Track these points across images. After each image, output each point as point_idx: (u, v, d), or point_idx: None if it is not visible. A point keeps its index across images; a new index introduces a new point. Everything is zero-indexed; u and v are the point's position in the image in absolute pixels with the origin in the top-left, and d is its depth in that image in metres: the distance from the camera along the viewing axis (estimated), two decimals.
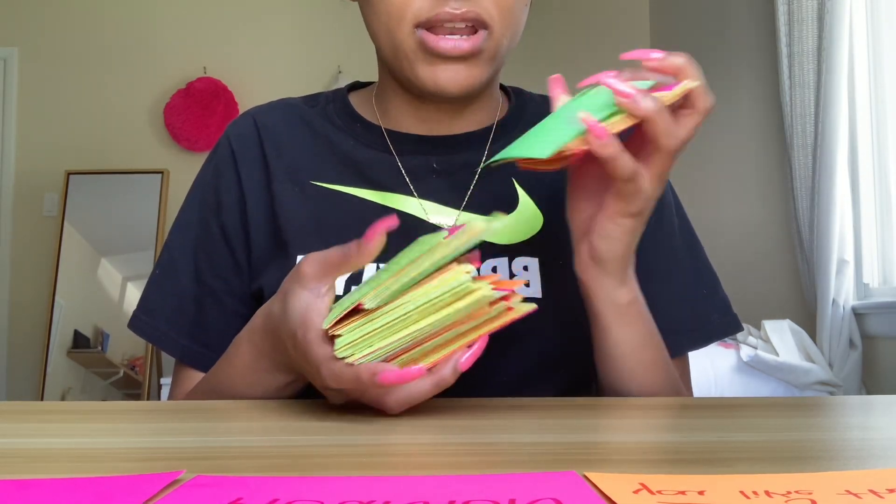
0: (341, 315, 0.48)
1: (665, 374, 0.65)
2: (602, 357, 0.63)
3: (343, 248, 0.51)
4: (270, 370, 0.59)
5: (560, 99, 0.59)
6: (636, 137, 0.55)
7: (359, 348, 0.48)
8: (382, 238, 0.50)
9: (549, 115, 0.58)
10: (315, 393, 0.62)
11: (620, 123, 0.52)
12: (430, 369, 0.48)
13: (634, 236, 0.58)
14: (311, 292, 0.51)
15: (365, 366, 0.47)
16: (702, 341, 0.73)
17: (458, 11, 0.62)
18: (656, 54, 0.54)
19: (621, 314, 0.61)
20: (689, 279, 0.74)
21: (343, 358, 0.48)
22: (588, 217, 0.59)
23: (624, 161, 0.53)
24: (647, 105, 0.52)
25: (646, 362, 0.63)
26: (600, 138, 0.51)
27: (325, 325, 0.49)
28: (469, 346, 0.48)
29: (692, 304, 0.73)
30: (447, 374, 0.48)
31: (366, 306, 0.47)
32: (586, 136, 0.52)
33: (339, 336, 0.48)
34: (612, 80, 0.53)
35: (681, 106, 0.54)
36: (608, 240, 0.57)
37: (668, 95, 0.53)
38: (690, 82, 0.54)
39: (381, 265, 0.56)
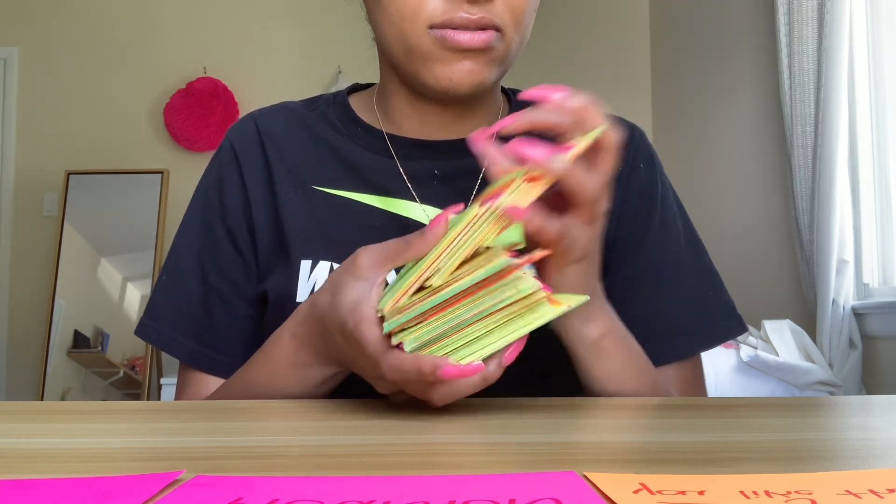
0: (397, 297, 0.48)
1: (650, 389, 0.65)
2: (585, 384, 0.64)
3: (404, 237, 0.51)
4: (313, 363, 0.58)
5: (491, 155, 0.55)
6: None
7: (408, 329, 0.48)
8: (447, 226, 0.49)
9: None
10: (342, 393, 0.62)
11: (532, 190, 0.50)
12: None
13: (587, 277, 0.57)
14: (366, 282, 0.51)
15: (427, 358, 0.47)
16: (708, 343, 0.72)
17: (472, 17, 0.62)
18: (557, 94, 0.53)
19: (594, 349, 0.60)
20: (695, 281, 0.74)
21: (395, 342, 0.48)
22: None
23: (547, 230, 0.51)
24: (556, 167, 0.50)
25: (627, 385, 0.63)
26: (521, 216, 0.49)
27: (382, 306, 0.48)
28: (512, 343, 0.48)
29: (698, 307, 0.73)
30: (493, 369, 0.48)
31: (434, 283, 0.47)
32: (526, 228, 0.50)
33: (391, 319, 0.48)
34: (525, 149, 0.50)
35: (591, 148, 0.53)
36: (559, 289, 0.56)
37: (578, 148, 0.51)
38: (596, 130, 0.52)
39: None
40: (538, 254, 0.50)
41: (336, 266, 0.68)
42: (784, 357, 2.13)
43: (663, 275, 0.73)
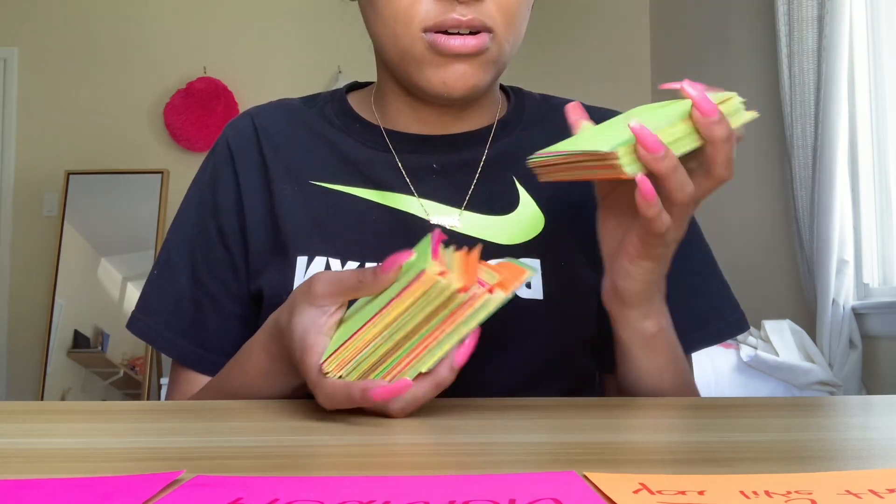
0: (333, 350, 0.49)
1: (684, 389, 0.65)
2: (623, 375, 0.64)
3: (358, 273, 0.51)
4: (283, 374, 0.59)
5: (583, 125, 0.58)
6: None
7: (348, 368, 0.49)
8: (399, 271, 0.50)
9: (608, 122, 0.56)
10: None
11: (685, 144, 0.50)
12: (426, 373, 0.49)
13: (657, 274, 0.57)
14: (319, 310, 0.52)
15: (355, 384, 0.48)
16: (712, 340, 0.73)
17: (464, 18, 0.62)
18: (710, 111, 0.53)
19: (646, 344, 0.61)
20: (699, 278, 0.74)
21: (333, 377, 0.49)
22: (618, 243, 0.58)
23: (662, 219, 0.52)
24: (720, 130, 0.50)
25: (665, 383, 0.63)
26: (655, 152, 0.49)
27: (322, 360, 0.49)
28: (461, 344, 0.48)
29: (703, 303, 0.73)
30: (445, 373, 0.48)
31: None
32: (638, 150, 0.49)
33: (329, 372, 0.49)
34: (695, 92, 0.51)
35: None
36: (629, 279, 0.57)
37: (737, 122, 0.52)
38: (754, 113, 0.53)
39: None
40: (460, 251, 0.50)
41: (332, 261, 0.68)
42: (784, 357, 2.13)
43: (672, 271, 0.73)
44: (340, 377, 0.49)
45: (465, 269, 0.49)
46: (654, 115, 0.53)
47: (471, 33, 0.63)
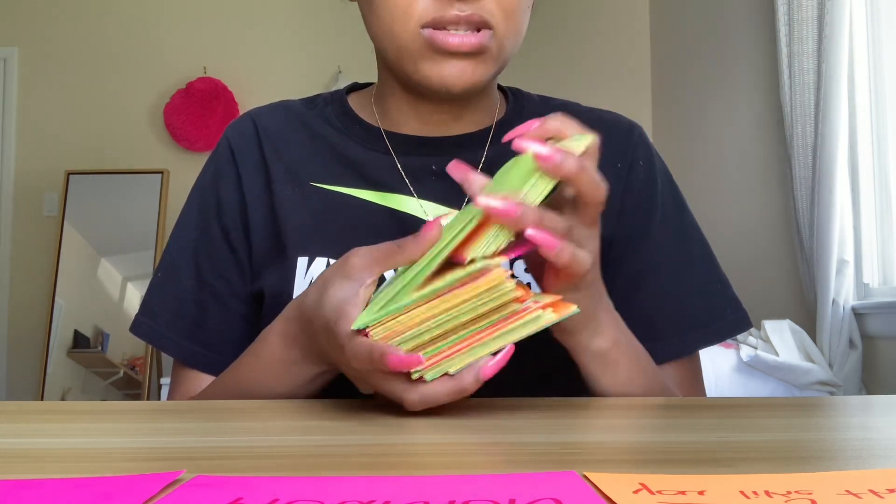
0: (374, 322, 0.48)
1: (657, 393, 0.65)
2: (593, 392, 0.63)
3: (397, 240, 0.51)
4: (301, 361, 0.58)
5: (473, 182, 0.55)
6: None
7: (385, 328, 0.48)
8: (440, 231, 0.49)
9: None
10: (329, 392, 0.62)
11: (542, 188, 0.49)
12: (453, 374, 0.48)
13: (589, 300, 0.56)
14: (354, 282, 0.51)
15: (378, 345, 0.47)
16: (716, 338, 0.72)
17: (463, 14, 0.62)
18: (534, 124, 0.52)
19: (602, 361, 0.60)
20: (700, 277, 0.74)
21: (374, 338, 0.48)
22: (541, 274, 0.56)
23: (579, 260, 0.50)
24: (569, 165, 0.49)
25: (636, 392, 0.63)
26: (552, 248, 0.48)
27: (354, 327, 0.49)
28: (493, 355, 0.48)
29: (704, 302, 0.73)
30: (468, 381, 0.48)
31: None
32: (532, 241, 0.49)
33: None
34: (526, 144, 0.49)
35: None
36: (570, 321, 0.55)
37: (576, 145, 0.50)
38: (588, 137, 0.51)
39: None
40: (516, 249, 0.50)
41: (333, 262, 0.68)
42: (784, 357, 2.13)
43: (668, 271, 0.73)
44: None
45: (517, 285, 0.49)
46: (506, 178, 0.52)
47: (470, 30, 0.63)
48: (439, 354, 0.48)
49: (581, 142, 0.51)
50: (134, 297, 3.52)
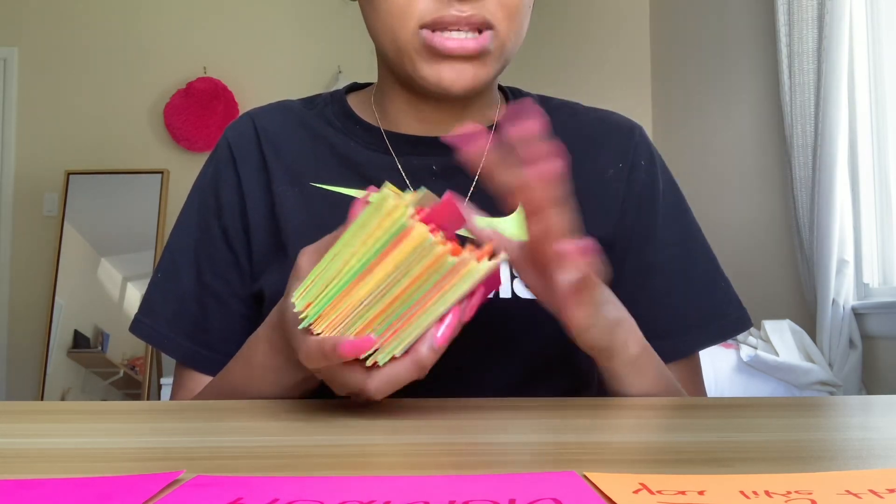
0: (309, 297, 0.47)
1: (675, 394, 0.65)
2: (614, 395, 0.64)
3: (335, 232, 0.51)
4: (285, 367, 0.58)
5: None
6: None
7: (315, 303, 0.47)
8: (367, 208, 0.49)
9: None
10: (329, 392, 0.62)
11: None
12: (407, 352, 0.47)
13: (606, 315, 0.55)
14: None
15: (328, 339, 0.46)
16: (716, 338, 0.73)
17: (463, 14, 0.62)
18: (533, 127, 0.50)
19: (634, 367, 0.60)
20: (702, 277, 0.74)
21: (317, 332, 0.47)
22: (550, 296, 0.55)
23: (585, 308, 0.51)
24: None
25: (658, 395, 0.63)
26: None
27: (297, 307, 0.48)
28: (441, 322, 0.46)
29: (706, 302, 0.73)
30: (424, 352, 0.46)
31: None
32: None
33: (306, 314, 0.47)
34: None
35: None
36: (584, 334, 0.55)
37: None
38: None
39: None
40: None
41: None
42: (784, 357, 2.13)
43: (670, 271, 0.73)
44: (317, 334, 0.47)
45: (447, 221, 0.47)
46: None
47: (472, 31, 0.63)
48: (388, 331, 0.46)
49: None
50: (134, 297, 3.52)
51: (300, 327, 0.48)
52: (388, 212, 0.45)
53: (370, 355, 0.46)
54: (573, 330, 0.54)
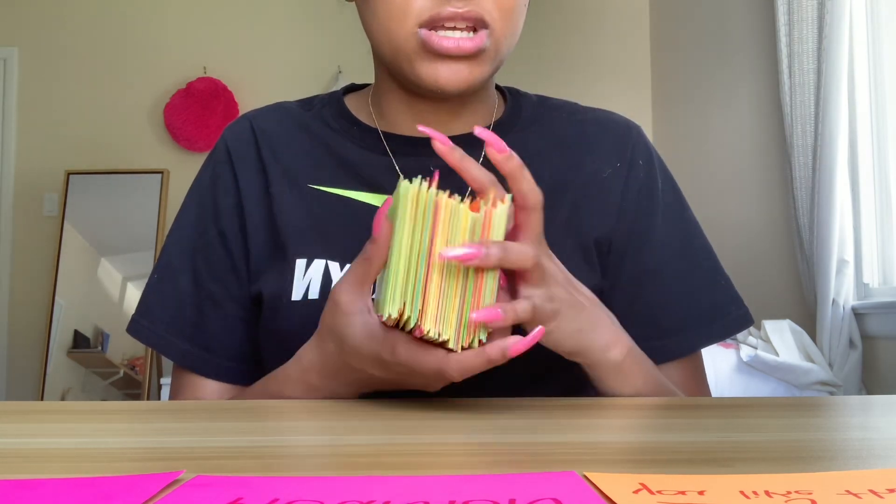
0: (396, 304, 0.49)
1: (665, 395, 0.65)
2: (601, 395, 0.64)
3: (360, 256, 0.52)
4: (322, 397, 0.59)
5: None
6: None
7: (409, 307, 0.48)
8: (389, 227, 0.50)
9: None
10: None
11: (489, 282, 0.50)
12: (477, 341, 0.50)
13: (574, 322, 0.56)
14: (360, 314, 0.52)
15: (490, 346, 0.48)
16: (718, 336, 0.73)
17: (459, 11, 0.62)
18: (500, 147, 0.52)
19: (619, 372, 0.60)
20: (702, 275, 0.74)
21: (443, 344, 0.49)
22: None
23: (524, 311, 0.51)
24: (493, 254, 0.49)
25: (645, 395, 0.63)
26: (496, 320, 0.49)
27: (385, 318, 0.49)
28: (523, 335, 0.49)
29: (708, 299, 0.73)
30: (496, 356, 0.49)
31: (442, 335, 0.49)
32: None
33: (401, 317, 0.49)
34: (450, 253, 0.49)
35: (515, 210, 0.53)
36: (557, 343, 0.56)
37: (498, 224, 0.50)
38: (506, 200, 0.51)
39: None
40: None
41: (331, 264, 0.69)
42: (784, 357, 2.13)
43: (670, 270, 0.73)
44: (438, 334, 0.49)
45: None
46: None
47: (468, 29, 0.63)
48: (475, 300, 0.49)
49: (502, 211, 0.51)
50: (134, 297, 3.52)
51: (410, 326, 0.49)
52: (413, 197, 0.48)
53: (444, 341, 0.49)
54: (544, 342, 0.56)
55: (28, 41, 3.79)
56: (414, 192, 0.48)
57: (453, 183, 0.72)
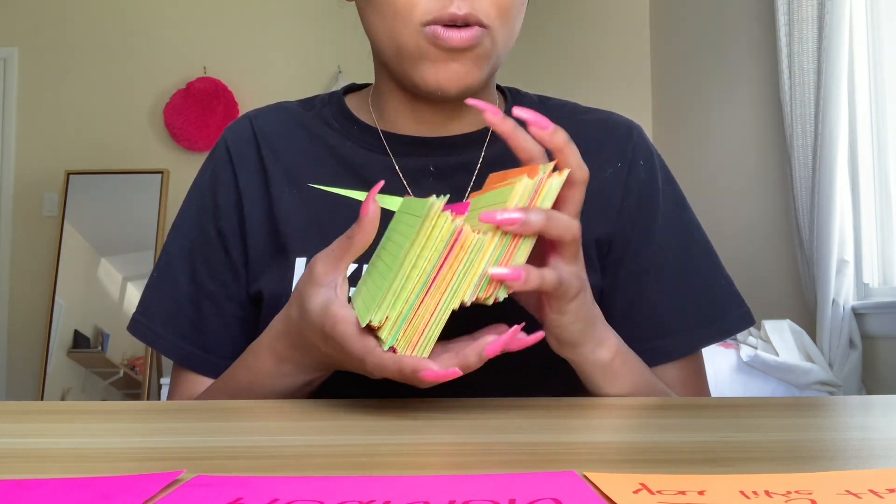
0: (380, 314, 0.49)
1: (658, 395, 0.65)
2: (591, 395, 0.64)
3: (346, 233, 0.53)
4: (293, 373, 0.59)
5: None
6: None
7: (393, 323, 0.48)
8: (377, 208, 0.51)
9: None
10: (328, 392, 0.63)
11: (522, 247, 0.50)
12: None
13: (586, 308, 0.57)
14: (327, 287, 0.52)
15: (409, 360, 0.48)
16: (719, 336, 0.73)
17: (460, 13, 0.62)
18: (543, 123, 0.52)
19: (607, 372, 0.60)
20: (703, 274, 0.74)
21: (388, 347, 0.49)
22: (535, 303, 0.57)
23: (548, 280, 0.51)
24: (535, 220, 0.49)
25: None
26: (517, 279, 0.49)
27: (364, 324, 0.49)
28: (497, 337, 0.49)
29: (709, 299, 0.73)
30: (472, 361, 0.48)
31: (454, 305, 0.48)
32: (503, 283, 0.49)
33: (380, 328, 0.49)
34: (490, 217, 0.49)
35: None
36: (562, 328, 0.56)
37: (554, 185, 0.51)
38: (565, 173, 0.51)
39: None
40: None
41: None
42: (784, 357, 2.13)
43: (671, 270, 0.73)
44: (389, 347, 0.49)
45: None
46: (497, 195, 0.53)
47: (465, 26, 0.63)
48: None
49: (556, 180, 0.51)
50: (134, 297, 3.52)
51: (364, 323, 0.48)
52: (432, 222, 0.47)
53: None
54: (551, 316, 0.55)
55: (28, 41, 3.79)
56: (435, 214, 0.47)
57: (454, 183, 0.72)
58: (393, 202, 0.71)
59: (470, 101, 0.55)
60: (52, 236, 3.65)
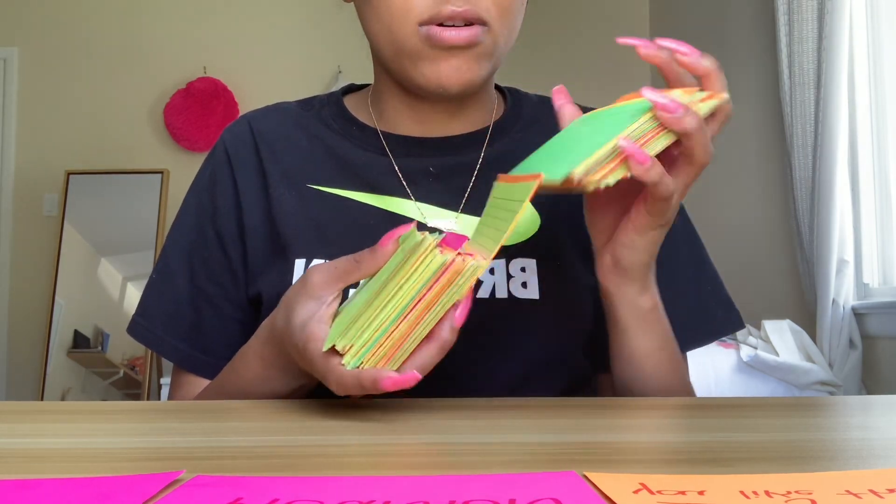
0: (340, 332, 0.49)
1: (680, 376, 0.65)
2: (620, 359, 0.64)
3: (354, 255, 0.52)
4: (280, 378, 0.59)
5: (565, 109, 0.58)
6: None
7: (358, 349, 0.48)
8: (396, 245, 0.50)
9: (566, 130, 0.56)
10: (328, 392, 0.63)
11: (659, 142, 0.50)
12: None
13: (657, 245, 0.57)
14: (317, 301, 0.52)
15: (366, 373, 0.47)
16: (705, 338, 0.73)
17: (458, 10, 0.62)
18: (688, 50, 0.53)
19: (643, 319, 0.61)
20: (693, 276, 0.74)
21: (350, 367, 0.48)
22: (609, 225, 0.58)
23: (665, 183, 0.51)
24: (689, 122, 0.50)
25: (664, 365, 0.63)
26: (643, 163, 0.49)
27: (325, 348, 0.49)
28: (457, 304, 0.48)
29: (696, 301, 0.73)
30: (447, 335, 0.48)
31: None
32: (624, 159, 0.49)
33: (344, 353, 0.48)
34: (653, 95, 0.50)
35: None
36: (633, 250, 0.57)
37: (704, 109, 0.51)
38: (722, 96, 0.52)
39: None
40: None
41: None
42: (784, 357, 2.13)
43: (662, 270, 0.73)
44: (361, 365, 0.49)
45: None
46: (617, 116, 0.53)
47: (465, 25, 0.63)
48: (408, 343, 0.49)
49: (708, 104, 0.52)
50: (134, 298, 3.52)
51: (326, 347, 0.49)
52: (420, 254, 0.47)
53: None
54: (633, 235, 0.56)
55: (28, 41, 3.79)
56: (425, 251, 0.47)
57: (453, 183, 0.72)
58: (395, 204, 0.71)
59: (621, 40, 0.55)
60: (52, 236, 3.65)
